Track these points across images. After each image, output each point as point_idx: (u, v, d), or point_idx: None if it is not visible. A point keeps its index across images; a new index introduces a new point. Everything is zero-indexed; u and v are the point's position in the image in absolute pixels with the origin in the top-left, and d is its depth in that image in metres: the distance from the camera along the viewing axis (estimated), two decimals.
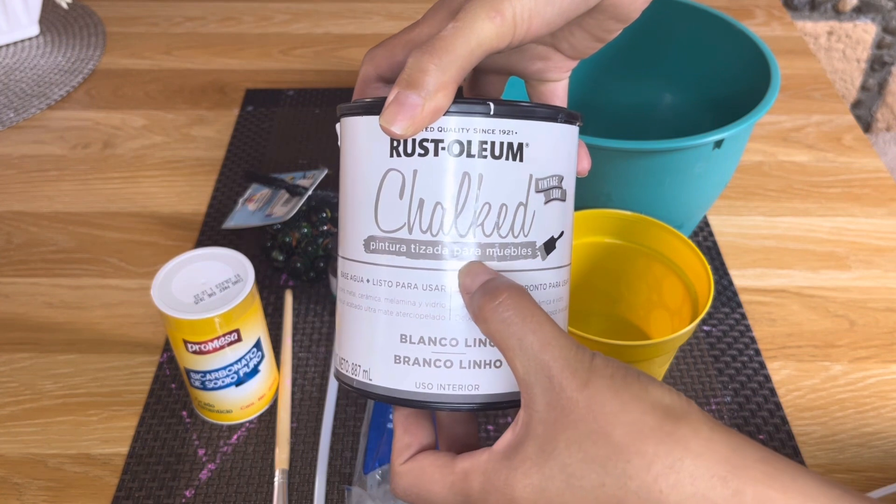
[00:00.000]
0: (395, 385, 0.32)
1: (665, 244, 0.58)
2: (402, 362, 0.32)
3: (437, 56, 0.29)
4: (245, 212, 0.71)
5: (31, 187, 0.79)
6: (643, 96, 0.77)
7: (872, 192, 0.78)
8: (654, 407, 0.28)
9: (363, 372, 0.33)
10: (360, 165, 0.32)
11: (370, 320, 0.32)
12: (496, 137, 0.31)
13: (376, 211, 0.32)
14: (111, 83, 0.93)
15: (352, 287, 0.33)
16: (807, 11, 1.30)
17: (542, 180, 0.32)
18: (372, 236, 0.32)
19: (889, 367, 0.62)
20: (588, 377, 0.28)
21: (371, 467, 0.53)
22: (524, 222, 0.32)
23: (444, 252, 0.31)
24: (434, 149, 0.30)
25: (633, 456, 0.27)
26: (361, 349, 0.33)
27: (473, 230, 0.31)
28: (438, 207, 0.31)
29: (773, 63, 0.63)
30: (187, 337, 0.51)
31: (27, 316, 0.66)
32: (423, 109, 0.29)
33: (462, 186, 0.31)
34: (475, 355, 0.32)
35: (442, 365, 0.31)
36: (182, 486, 0.54)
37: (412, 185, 0.31)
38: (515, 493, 0.28)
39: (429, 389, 0.32)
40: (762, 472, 0.26)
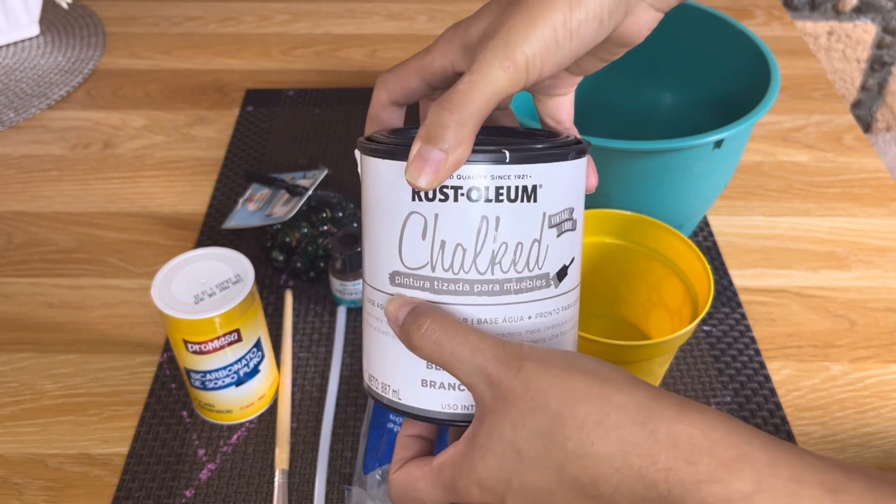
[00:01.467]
0: (424, 405, 0.35)
1: (665, 244, 0.58)
2: (428, 386, 0.35)
3: (457, 111, 0.31)
4: (245, 212, 0.71)
5: (32, 187, 0.79)
6: (643, 96, 0.77)
7: (872, 192, 0.78)
8: (582, 374, 0.31)
9: (392, 391, 0.36)
10: (383, 205, 0.34)
11: (398, 347, 0.35)
12: (512, 182, 0.32)
13: (400, 249, 0.34)
14: (111, 83, 0.93)
15: (380, 314, 0.36)
16: (807, 11, 1.30)
17: (554, 216, 0.34)
18: (396, 271, 0.34)
19: (889, 368, 0.62)
20: (519, 364, 0.31)
21: (371, 467, 0.53)
22: (538, 256, 0.34)
23: (465, 288, 0.33)
24: (454, 195, 0.32)
25: (568, 419, 0.30)
26: (390, 371, 0.36)
27: (492, 268, 0.33)
28: (459, 248, 0.33)
29: (773, 63, 0.63)
30: (187, 337, 0.51)
31: (27, 316, 0.66)
32: (446, 163, 0.31)
33: (481, 229, 0.33)
34: None
35: (465, 389, 0.34)
36: (182, 486, 0.54)
37: (434, 227, 0.33)
38: (478, 473, 0.32)
39: (454, 410, 0.35)
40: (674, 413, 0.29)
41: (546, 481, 0.30)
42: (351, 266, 0.62)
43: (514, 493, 0.31)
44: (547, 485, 0.30)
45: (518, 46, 0.31)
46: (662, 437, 0.28)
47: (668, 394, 0.30)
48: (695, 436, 0.28)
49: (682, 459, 0.28)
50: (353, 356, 0.62)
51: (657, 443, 0.28)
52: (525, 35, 0.31)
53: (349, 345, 0.63)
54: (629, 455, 0.29)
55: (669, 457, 0.28)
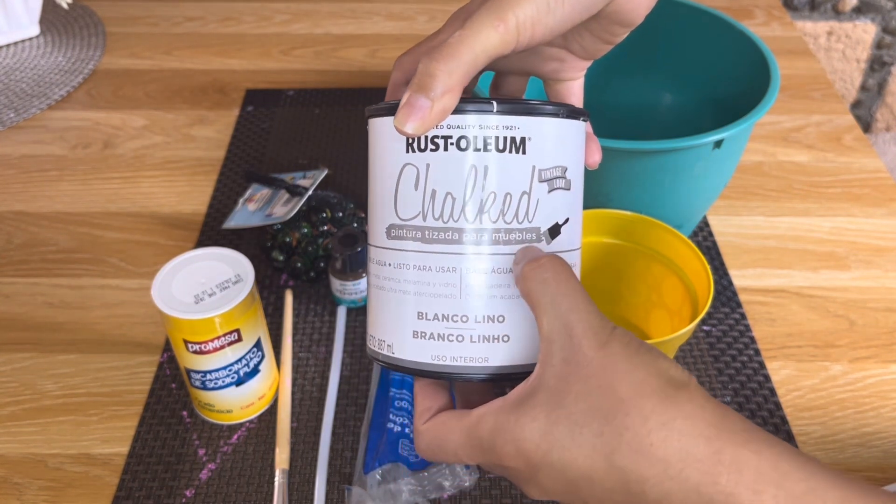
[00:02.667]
0: (415, 358, 0.36)
1: (665, 244, 0.58)
2: (419, 337, 0.35)
3: (444, 61, 0.32)
4: (245, 212, 0.71)
5: (32, 187, 0.79)
6: (643, 96, 0.78)
7: (872, 192, 0.78)
8: (659, 373, 0.30)
9: (388, 346, 0.37)
10: (382, 161, 0.36)
11: (392, 300, 0.36)
12: (500, 133, 0.34)
13: (395, 201, 0.35)
14: (111, 83, 0.93)
15: (377, 270, 0.37)
16: (806, 11, 1.30)
17: (545, 171, 0.35)
18: (392, 224, 0.35)
19: (888, 367, 0.62)
20: (607, 340, 0.31)
21: (371, 467, 0.53)
22: (528, 209, 0.34)
23: (454, 237, 0.34)
24: (444, 144, 0.34)
25: (633, 410, 0.29)
26: (386, 326, 0.36)
27: (481, 217, 0.34)
28: (449, 197, 0.34)
29: (773, 63, 0.63)
30: (187, 337, 0.51)
31: (27, 316, 0.66)
32: (432, 111, 0.32)
33: (469, 177, 0.34)
34: (485, 330, 0.35)
35: (454, 339, 0.35)
36: (182, 486, 0.54)
37: (425, 177, 0.34)
38: (523, 433, 0.31)
39: (443, 361, 0.35)
40: (742, 438, 0.29)
41: (589, 464, 0.30)
42: (351, 266, 0.63)
43: (549, 468, 0.31)
44: (589, 468, 0.30)
45: (510, 8, 0.32)
46: (727, 458, 0.28)
47: (737, 415, 0.30)
48: (762, 465, 0.28)
49: (747, 487, 0.28)
50: (353, 356, 0.62)
51: (720, 463, 0.28)
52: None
53: (349, 345, 0.63)
54: (687, 466, 0.28)
55: (731, 481, 0.28)
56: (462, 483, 0.53)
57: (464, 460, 0.34)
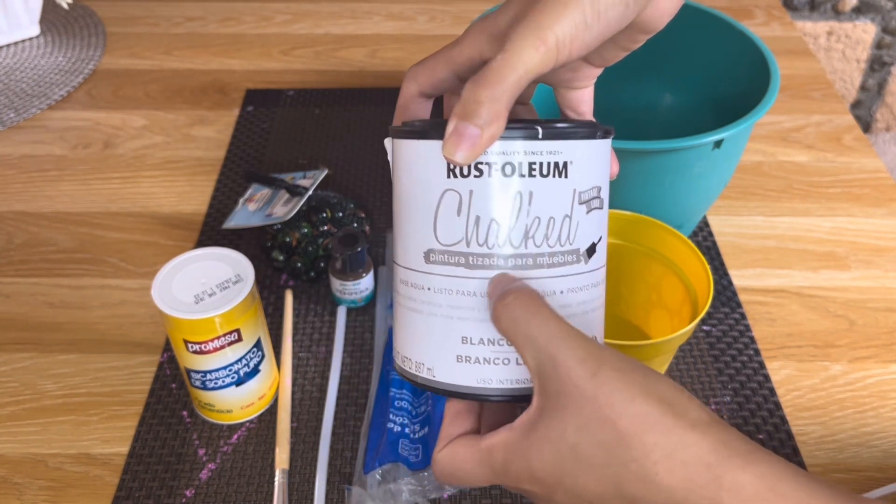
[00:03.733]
0: (459, 381, 0.36)
1: (665, 244, 0.58)
2: (464, 361, 0.35)
3: (490, 87, 0.32)
4: (245, 212, 0.71)
5: (32, 187, 0.79)
6: (643, 96, 0.78)
7: (872, 193, 0.78)
8: (659, 401, 0.30)
9: (427, 370, 0.36)
10: (418, 184, 0.35)
11: (432, 324, 0.36)
12: (544, 158, 0.34)
13: (435, 226, 0.35)
14: (111, 83, 0.93)
15: (413, 294, 0.36)
16: (806, 12, 1.30)
17: (584, 192, 0.35)
18: (431, 249, 0.35)
19: (888, 367, 0.62)
20: (597, 368, 0.31)
21: (371, 467, 0.53)
22: (570, 232, 0.35)
23: (499, 263, 0.34)
24: (488, 170, 0.33)
25: (636, 444, 0.30)
26: (424, 349, 0.36)
27: (525, 242, 0.34)
28: (493, 223, 0.34)
29: (773, 63, 0.63)
30: (188, 337, 0.51)
31: (28, 316, 0.66)
32: (482, 138, 0.32)
33: (514, 203, 0.34)
34: None
35: (500, 362, 0.35)
36: (182, 486, 0.54)
37: (469, 203, 0.34)
38: (533, 464, 0.32)
39: (489, 384, 0.35)
40: (742, 461, 0.29)
41: (601, 490, 0.31)
42: (351, 266, 0.63)
43: (564, 492, 0.32)
44: (601, 494, 0.31)
45: (549, 28, 0.32)
46: (727, 483, 0.29)
47: (740, 437, 0.30)
48: (760, 487, 0.28)
49: None
50: (353, 356, 0.62)
51: (721, 488, 0.29)
52: (556, 16, 0.32)
53: (349, 345, 0.63)
54: (692, 493, 0.29)
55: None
56: None
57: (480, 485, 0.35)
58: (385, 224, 0.74)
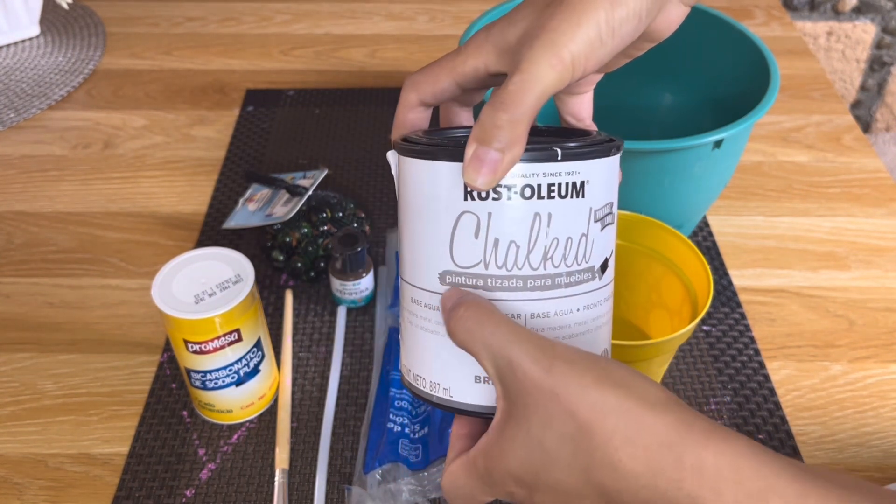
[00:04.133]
0: (477, 402, 0.36)
1: (665, 244, 0.58)
2: (482, 382, 0.35)
3: (510, 111, 0.31)
4: (245, 212, 0.71)
5: (32, 187, 0.79)
6: (643, 96, 0.78)
7: (872, 193, 0.78)
8: (615, 386, 0.30)
9: (443, 390, 0.36)
10: (432, 205, 0.34)
11: (447, 345, 0.35)
12: (562, 179, 0.33)
13: (451, 248, 0.34)
14: (112, 83, 0.93)
15: (426, 314, 0.36)
16: (806, 12, 1.30)
17: (598, 210, 0.35)
18: (448, 271, 0.35)
19: (888, 367, 0.62)
20: (550, 364, 0.31)
21: (371, 467, 0.53)
22: (586, 250, 0.35)
23: (518, 284, 0.34)
24: (507, 193, 0.33)
25: (597, 431, 0.30)
26: (439, 370, 0.36)
27: (544, 263, 0.34)
28: (513, 245, 0.33)
29: (773, 63, 0.63)
30: (188, 337, 0.51)
31: (28, 316, 0.66)
32: (503, 163, 0.31)
33: (534, 225, 0.33)
34: None
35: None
36: (182, 486, 0.54)
37: (487, 226, 0.33)
38: (509, 465, 0.32)
39: None
40: (702, 438, 0.29)
41: (573, 481, 0.31)
42: (351, 266, 0.63)
43: (543, 488, 0.32)
44: (575, 485, 0.31)
45: (565, 45, 0.32)
46: (688, 462, 0.29)
47: (699, 416, 0.30)
48: (721, 465, 0.28)
49: (708, 488, 0.28)
50: (353, 356, 0.62)
51: (683, 468, 0.29)
52: (571, 34, 0.32)
53: (349, 345, 0.63)
54: (656, 476, 0.29)
55: (694, 484, 0.28)
56: None
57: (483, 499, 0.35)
58: (385, 224, 0.74)
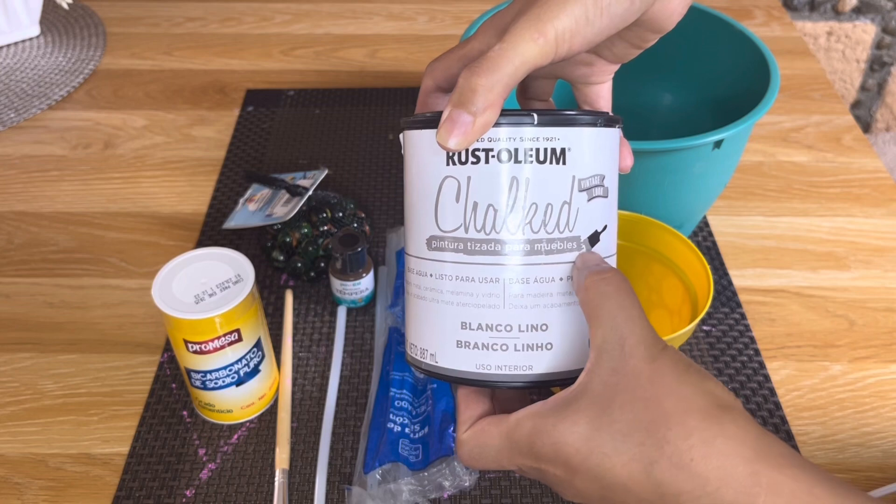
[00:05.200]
0: (458, 367, 0.36)
1: (665, 244, 0.58)
2: (463, 346, 0.36)
3: (485, 76, 0.32)
4: (245, 212, 0.71)
5: (32, 187, 0.79)
6: (643, 97, 0.78)
7: (872, 193, 0.78)
8: (706, 392, 0.31)
9: (430, 356, 0.37)
10: (421, 173, 0.36)
11: (435, 310, 0.36)
12: (540, 144, 0.34)
13: (436, 213, 0.35)
14: (112, 83, 0.93)
15: (418, 281, 0.37)
16: (806, 12, 1.30)
17: (584, 180, 0.35)
18: (433, 236, 0.36)
19: (888, 367, 0.62)
20: (657, 356, 0.32)
21: (371, 467, 0.53)
22: (569, 219, 0.35)
23: (497, 248, 0.35)
24: (485, 157, 0.34)
25: (676, 424, 0.30)
26: (428, 335, 0.37)
27: (523, 228, 0.34)
28: (491, 209, 0.34)
29: (773, 63, 0.63)
30: (188, 337, 0.51)
31: (28, 316, 0.66)
32: (474, 126, 0.32)
33: (511, 189, 0.34)
34: (529, 339, 0.35)
35: (498, 348, 0.35)
36: (183, 486, 0.54)
37: (466, 189, 0.34)
38: (563, 437, 0.32)
39: (487, 370, 0.36)
40: (781, 462, 0.29)
41: (627, 472, 0.30)
42: (351, 266, 0.63)
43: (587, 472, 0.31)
44: (627, 477, 0.30)
45: (549, 21, 0.32)
46: (764, 480, 0.29)
47: (777, 440, 0.31)
48: (797, 490, 0.29)
49: None
50: (353, 356, 0.62)
51: (757, 484, 0.29)
52: (557, 11, 0.32)
53: (349, 345, 0.63)
54: (724, 485, 0.29)
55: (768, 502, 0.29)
56: (462, 483, 0.53)
57: (504, 465, 0.35)
58: (385, 224, 0.74)
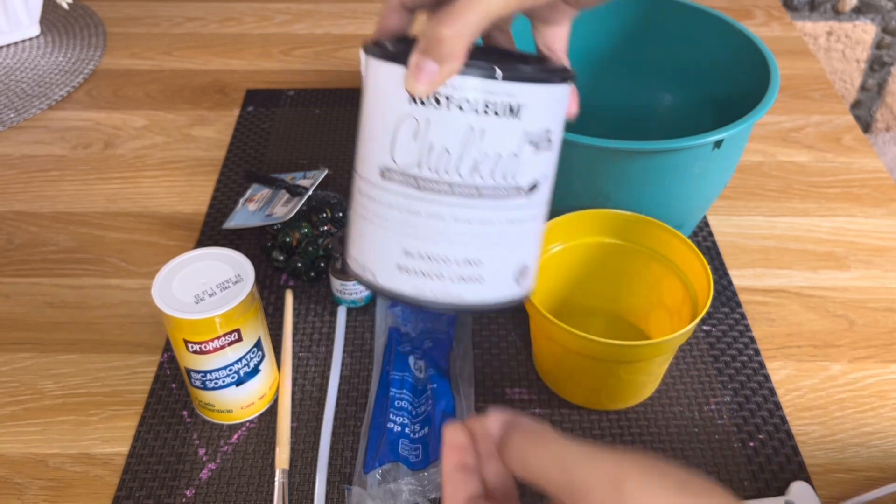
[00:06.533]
0: (396, 287, 0.39)
1: (665, 244, 0.58)
2: (402, 271, 0.38)
3: (451, 26, 0.33)
4: (245, 212, 0.71)
5: (32, 187, 0.79)
6: (643, 97, 0.78)
7: (872, 193, 0.78)
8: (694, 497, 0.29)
9: (370, 273, 0.39)
10: (383, 104, 0.37)
11: (380, 235, 0.38)
12: (499, 98, 0.35)
13: (393, 147, 0.37)
14: (112, 83, 0.93)
15: (366, 203, 0.39)
16: (806, 12, 1.30)
17: (533, 134, 0.37)
18: (387, 167, 0.37)
19: (888, 367, 0.62)
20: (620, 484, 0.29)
21: (371, 467, 0.53)
22: (515, 169, 0.37)
23: (446, 188, 0.37)
24: (447, 104, 0.35)
25: None
26: (370, 256, 0.39)
27: (472, 174, 0.36)
28: (445, 152, 0.36)
29: (773, 63, 0.63)
30: (188, 337, 0.51)
31: (28, 316, 0.66)
32: (440, 74, 0.34)
33: (466, 137, 0.36)
34: (463, 272, 0.38)
35: (434, 277, 0.38)
36: (183, 486, 0.54)
37: (426, 130, 0.36)
38: None
39: (422, 294, 0.38)
40: None
41: None
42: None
43: None
44: None
45: None
46: None
47: None
48: None
49: None
50: (353, 356, 0.62)
51: None
52: None
53: (349, 345, 0.63)
54: None
55: None
56: None
57: None
58: None
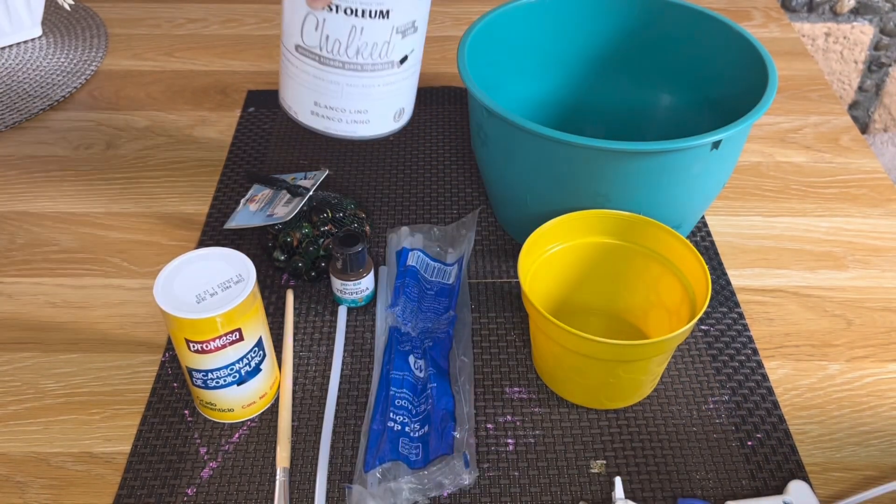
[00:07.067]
0: (311, 124, 0.57)
1: (663, 244, 0.59)
2: (314, 115, 0.57)
3: None
4: (247, 212, 0.71)
5: (34, 188, 0.79)
6: (641, 97, 0.78)
7: (869, 193, 0.79)
8: None
9: (294, 112, 0.58)
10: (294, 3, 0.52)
11: (299, 88, 0.56)
12: (373, 6, 0.51)
13: (301, 32, 0.53)
14: (113, 84, 0.94)
15: (288, 66, 0.56)
16: (804, 13, 1.31)
17: (401, 26, 0.53)
18: (298, 45, 0.54)
19: (886, 367, 0.62)
20: None
21: (371, 465, 0.54)
22: (388, 51, 0.54)
23: (339, 65, 0.54)
24: (336, 10, 0.51)
25: None
26: (294, 100, 0.57)
27: (357, 56, 0.53)
28: (337, 41, 0.53)
29: (771, 64, 0.63)
30: (189, 336, 0.51)
31: (30, 315, 0.66)
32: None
33: (350, 32, 0.52)
34: (355, 118, 0.57)
35: (336, 119, 0.57)
36: (184, 485, 0.54)
37: (322, 25, 0.52)
38: None
39: (328, 129, 0.57)
40: None
41: None
42: (351, 266, 0.63)
43: None
44: None
45: None
46: None
47: None
48: None
49: None
50: (354, 355, 0.63)
51: None
52: None
53: (350, 344, 0.63)
54: None
55: None
56: (462, 481, 0.53)
57: None
58: (385, 224, 0.74)
